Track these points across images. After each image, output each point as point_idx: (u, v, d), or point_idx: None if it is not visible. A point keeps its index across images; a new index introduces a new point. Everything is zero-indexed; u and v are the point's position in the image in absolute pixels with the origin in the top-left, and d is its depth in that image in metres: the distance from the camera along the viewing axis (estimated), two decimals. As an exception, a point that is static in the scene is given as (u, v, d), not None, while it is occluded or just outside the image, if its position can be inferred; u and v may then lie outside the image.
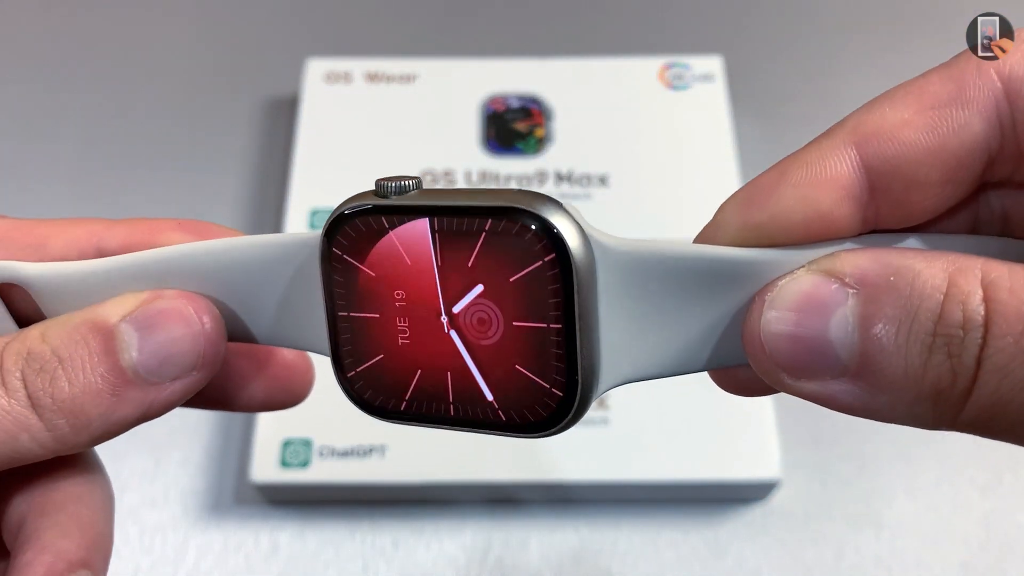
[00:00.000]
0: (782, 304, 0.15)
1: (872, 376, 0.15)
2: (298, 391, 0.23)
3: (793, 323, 0.15)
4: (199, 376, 0.19)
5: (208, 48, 0.49)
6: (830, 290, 0.15)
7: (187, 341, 0.19)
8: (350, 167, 0.41)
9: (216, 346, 0.19)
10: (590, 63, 0.45)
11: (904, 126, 0.16)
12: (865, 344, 0.15)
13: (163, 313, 0.19)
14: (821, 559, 0.35)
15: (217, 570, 0.35)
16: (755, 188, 0.17)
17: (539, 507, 0.36)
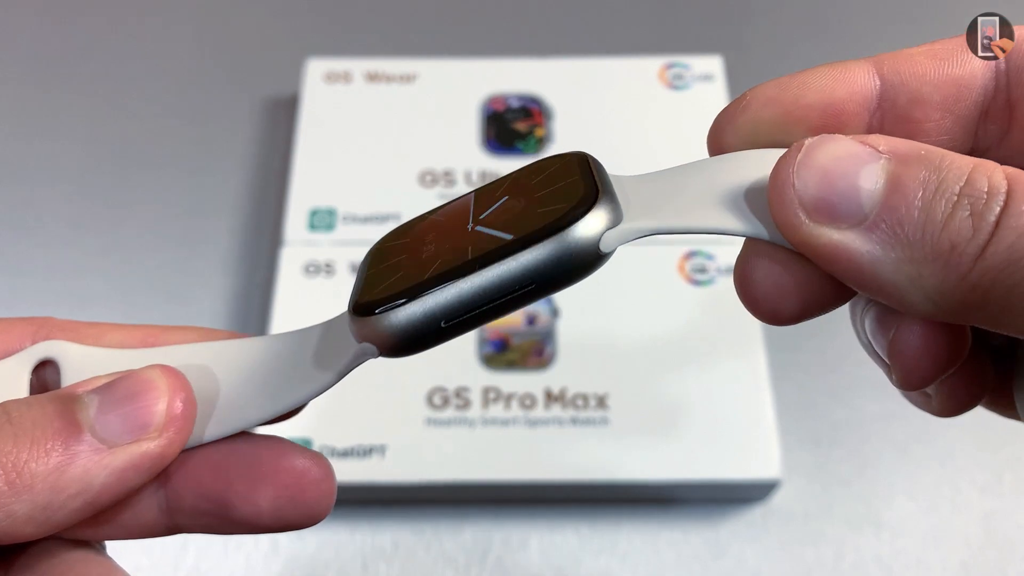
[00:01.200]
0: (819, 148, 0.16)
1: (890, 227, 0.15)
2: (313, 506, 0.19)
3: (827, 164, 0.16)
4: (165, 440, 0.17)
5: (208, 48, 0.49)
6: (866, 150, 0.16)
7: (151, 400, 0.17)
8: (350, 167, 0.41)
9: (182, 414, 0.18)
10: (590, 63, 0.45)
11: (916, 54, 0.18)
12: (890, 196, 0.15)
13: (130, 376, 0.18)
14: (821, 559, 0.35)
15: (217, 570, 0.35)
16: (782, 78, 0.18)
17: (539, 507, 0.36)
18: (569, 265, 0.16)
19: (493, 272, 0.16)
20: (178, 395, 0.18)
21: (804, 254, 0.16)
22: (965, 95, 0.17)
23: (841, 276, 0.16)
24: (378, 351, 0.18)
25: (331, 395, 0.35)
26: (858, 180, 0.15)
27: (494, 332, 0.37)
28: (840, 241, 0.15)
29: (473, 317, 0.17)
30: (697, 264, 0.38)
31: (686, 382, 0.36)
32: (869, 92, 0.17)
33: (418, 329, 0.17)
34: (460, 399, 0.36)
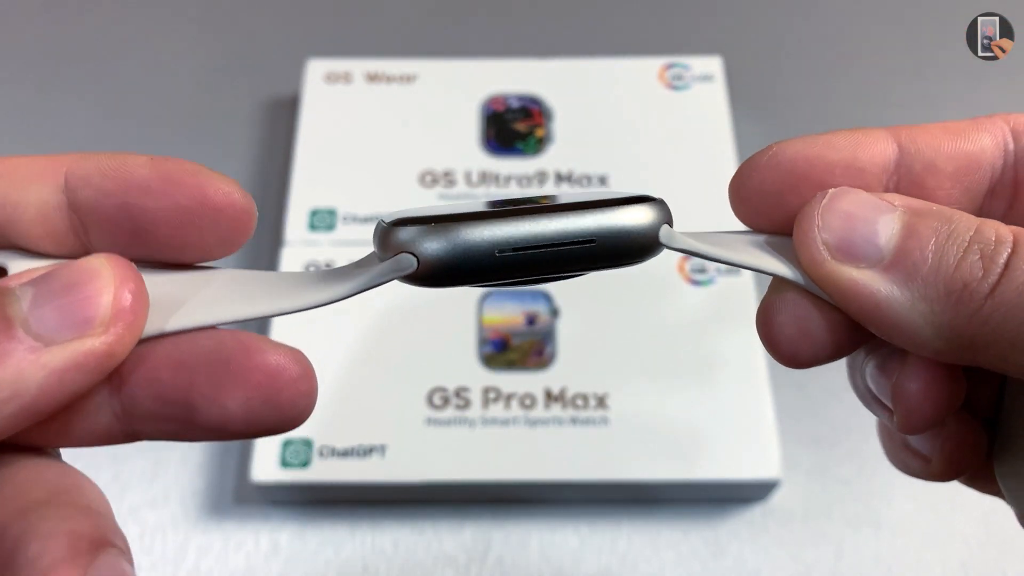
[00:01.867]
0: (842, 196, 0.18)
1: (906, 267, 0.17)
2: (290, 408, 0.17)
3: (850, 209, 0.17)
4: (111, 338, 0.15)
5: (208, 48, 0.49)
6: (883, 202, 0.18)
7: (91, 290, 0.15)
8: (350, 167, 0.41)
9: (131, 306, 0.16)
10: (590, 63, 0.45)
11: (932, 128, 0.19)
12: (906, 241, 0.17)
13: (68, 266, 0.16)
14: (821, 559, 0.35)
15: (217, 570, 0.35)
16: (808, 137, 0.19)
17: (539, 506, 0.36)
18: (629, 237, 0.17)
19: (560, 216, 0.17)
20: (126, 285, 0.16)
21: (825, 290, 0.17)
22: (975, 169, 0.19)
23: (857, 312, 0.17)
24: (416, 265, 0.16)
25: (331, 395, 0.36)
26: (877, 225, 0.17)
27: (494, 332, 0.37)
28: (859, 279, 0.17)
29: (528, 258, 0.16)
30: (697, 264, 0.38)
31: (686, 382, 0.36)
32: (888, 157, 0.19)
33: (471, 248, 0.16)
34: (460, 399, 0.36)
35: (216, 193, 0.17)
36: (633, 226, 0.17)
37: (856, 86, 0.48)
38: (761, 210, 0.19)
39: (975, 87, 0.47)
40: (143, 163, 0.17)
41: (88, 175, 0.17)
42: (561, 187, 0.41)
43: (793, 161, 0.18)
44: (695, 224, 0.44)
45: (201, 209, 0.17)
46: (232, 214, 0.17)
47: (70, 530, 0.15)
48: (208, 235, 0.17)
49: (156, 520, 0.36)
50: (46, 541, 0.15)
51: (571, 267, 0.17)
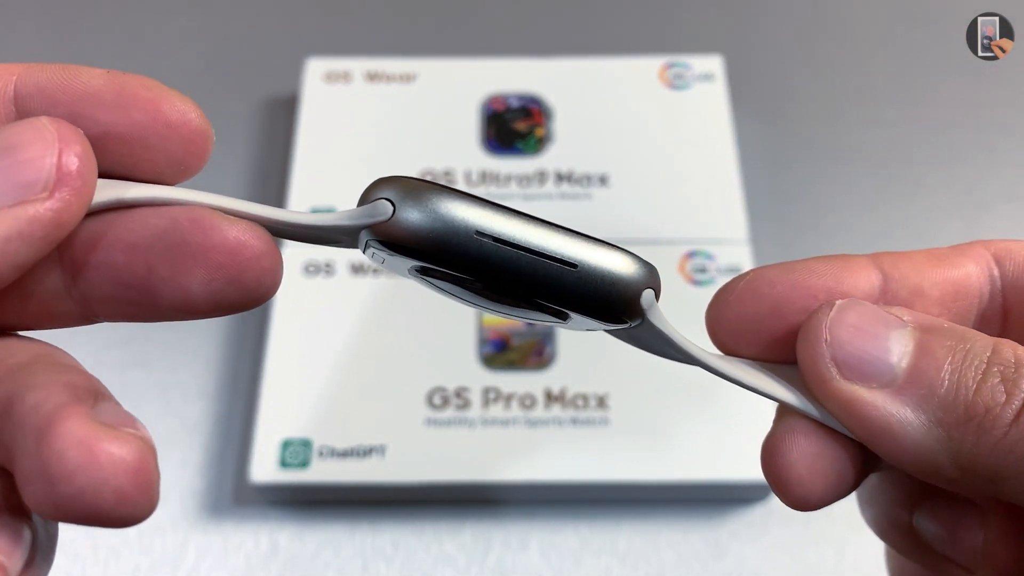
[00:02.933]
0: (850, 309, 0.17)
1: (920, 390, 0.16)
2: (255, 285, 0.16)
3: (859, 323, 0.16)
4: (56, 202, 0.14)
5: (207, 47, 0.49)
6: (891, 316, 0.17)
7: (34, 151, 0.14)
8: (350, 167, 0.41)
9: (77, 169, 0.14)
10: (590, 63, 0.45)
11: (915, 255, 0.18)
12: (919, 360, 0.16)
13: (9, 127, 0.15)
14: (822, 559, 0.35)
15: (216, 571, 0.35)
16: (785, 263, 0.18)
17: (539, 507, 0.36)
18: (612, 282, 0.16)
19: (552, 230, 0.16)
20: (71, 147, 0.14)
21: (831, 411, 0.16)
22: (962, 295, 0.18)
23: (867, 437, 0.16)
24: (391, 214, 0.15)
25: (330, 395, 0.36)
26: (888, 342, 0.16)
27: (494, 332, 0.37)
28: (870, 400, 0.16)
29: (505, 256, 0.15)
30: (697, 264, 0.38)
31: (686, 383, 0.36)
32: (872, 283, 0.18)
33: (452, 217, 0.15)
34: (460, 399, 0.36)
35: (171, 110, 0.16)
36: (619, 273, 0.16)
37: (856, 86, 0.48)
38: (740, 337, 0.18)
39: (975, 87, 0.47)
40: (98, 75, 0.16)
41: (39, 84, 0.16)
42: (561, 187, 0.41)
43: (773, 285, 0.17)
44: (695, 223, 0.44)
45: (153, 125, 0.16)
46: (185, 134, 0.16)
47: (66, 381, 0.14)
48: (160, 155, 0.16)
49: (155, 521, 0.36)
50: (44, 390, 0.14)
51: (544, 291, 0.16)
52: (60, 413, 0.13)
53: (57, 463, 0.13)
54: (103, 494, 0.13)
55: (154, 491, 0.14)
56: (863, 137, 0.46)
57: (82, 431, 0.13)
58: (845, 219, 0.43)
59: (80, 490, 0.13)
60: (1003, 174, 0.45)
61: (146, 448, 0.14)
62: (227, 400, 0.38)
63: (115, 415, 0.14)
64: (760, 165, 0.44)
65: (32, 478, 0.13)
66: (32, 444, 0.13)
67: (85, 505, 0.13)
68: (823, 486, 0.17)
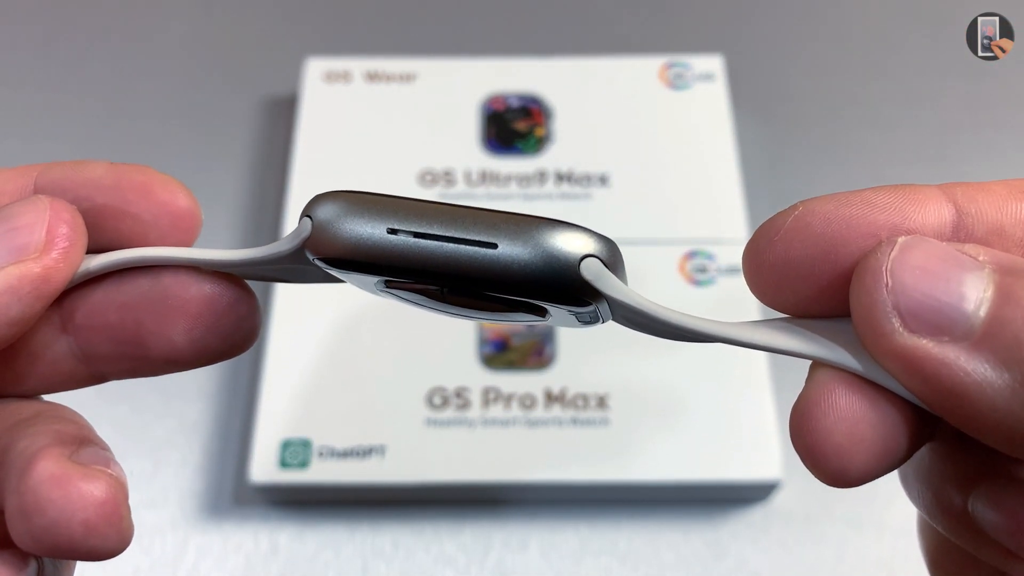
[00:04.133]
0: (916, 247, 0.14)
1: (1003, 345, 0.13)
2: (233, 332, 0.17)
3: (928, 264, 0.14)
4: (46, 263, 0.16)
5: (206, 47, 0.49)
6: (964, 256, 0.14)
7: (26, 219, 0.16)
8: (350, 167, 0.41)
9: (66, 232, 0.16)
10: (590, 62, 0.45)
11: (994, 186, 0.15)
12: (1001, 308, 0.13)
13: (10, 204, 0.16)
14: (822, 560, 0.35)
15: (216, 571, 0.35)
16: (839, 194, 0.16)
17: (539, 507, 0.36)
18: (539, 257, 0.14)
19: (468, 212, 0.15)
20: (61, 216, 0.16)
21: (892, 370, 0.14)
22: None
23: (936, 400, 0.14)
24: (310, 230, 0.15)
25: (330, 395, 0.36)
26: (962, 287, 0.13)
27: (494, 332, 0.37)
28: (941, 356, 0.13)
29: (423, 250, 0.15)
30: (698, 264, 0.38)
31: (686, 382, 0.36)
32: (944, 218, 0.15)
33: (364, 218, 0.15)
34: (460, 399, 0.36)
35: (162, 191, 0.18)
36: (544, 244, 0.14)
37: (856, 85, 0.48)
38: (786, 284, 0.15)
39: (975, 87, 0.47)
40: (101, 165, 0.18)
41: (53, 178, 0.18)
42: (561, 186, 0.41)
43: (828, 222, 0.15)
44: (695, 223, 0.43)
45: (145, 204, 0.17)
46: (174, 211, 0.18)
47: (55, 430, 0.16)
48: (152, 230, 0.17)
49: (155, 521, 0.36)
50: (33, 437, 0.16)
51: (474, 279, 0.15)
52: (39, 454, 0.15)
53: (31, 499, 0.14)
54: (72, 526, 0.14)
55: (123, 525, 0.15)
56: (863, 137, 0.46)
57: (55, 468, 0.15)
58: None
59: (52, 522, 0.14)
60: (1003, 174, 0.45)
61: (115, 484, 0.15)
62: (227, 400, 0.38)
63: (94, 456, 0.16)
64: (760, 165, 0.44)
65: (14, 514, 0.15)
66: (15, 483, 0.15)
67: (56, 537, 0.14)
68: (866, 457, 0.14)
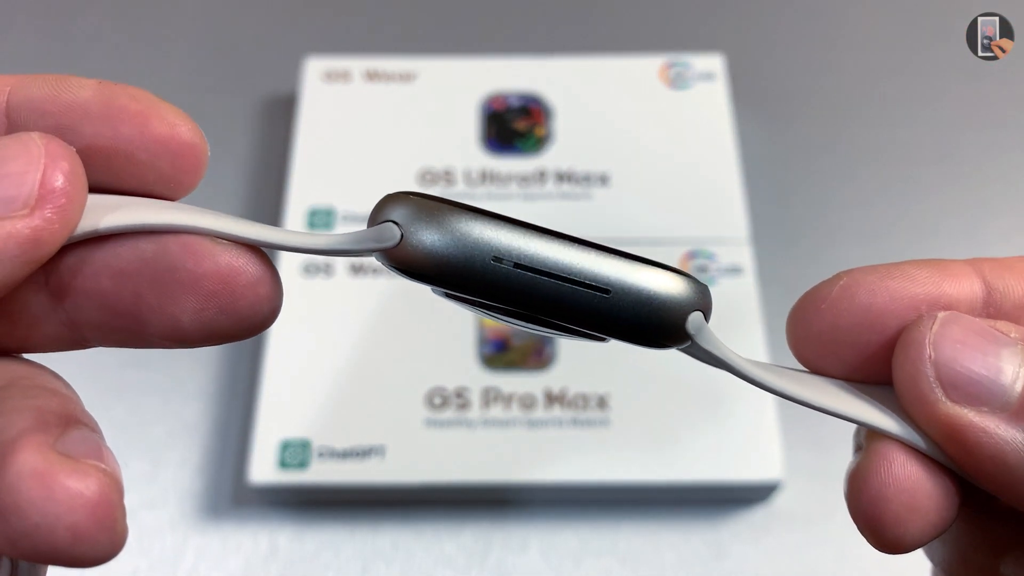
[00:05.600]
0: (955, 321, 0.15)
1: None
2: (250, 314, 0.15)
3: (967, 338, 0.14)
4: (36, 219, 0.13)
5: (206, 46, 0.49)
6: (998, 332, 0.15)
7: (15, 166, 0.13)
8: (349, 166, 0.41)
9: (63, 186, 0.13)
10: (590, 62, 0.44)
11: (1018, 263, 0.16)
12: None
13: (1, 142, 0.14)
14: (823, 560, 0.35)
15: (215, 572, 0.35)
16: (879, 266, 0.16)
17: (539, 508, 0.36)
18: (651, 305, 0.14)
19: (579, 248, 0.14)
20: (58, 164, 0.13)
21: (936, 437, 0.15)
22: None
23: (976, 467, 0.14)
24: (398, 240, 0.14)
25: (330, 395, 0.35)
26: (1000, 360, 0.14)
27: (494, 332, 0.37)
28: (981, 425, 0.14)
29: (526, 282, 0.14)
30: (698, 264, 0.38)
31: (687, 383, 0.36)
32: (975, 294, 0.16)
33: (465, 241, 0.14)
34: (460, 400, 0.35)
35: (160, 124, 0.15)
36: (658, 293, 0.14)
37: (857, 85, 0.48)
38: (831, 351, 0.16)
39: (975, 87, 0.47)
40: (88, 86, 0.15)
41: (30, 96, 0.15)
42: (561, 186, 0.41)
43: (872, 293, 0.15)
44: (695, 223, 0.43)
45: (141, 139, 0.15)
46: (175, 148, 0.15)
47: (36, 406, 0.13)
48: (148, 171, 0.15)
49: (154, 522, 0.36)
50: (10, 416, 0.13)
51: (573, 318, 0.14)
52: (18, 442, 0.12)
53: (9, 497, 0.12)
54: (57, 531, 0.12)
55: (116, 528, 0.13)
56: (864, 136, 0.46)
57: (38, 462, 0.12)
58: (846, 218, 0.43)
59: (34, 526, 0.12)
60: (1003, 174, 0.45)
61: (109, 482, 0.13)
62: (226, 400, 0.38)
63: (82, 445, 0.13)
64: (761, 164, 0.44)
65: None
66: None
67: (38, 542, 0.12)
68: (921, 525, 0.15)
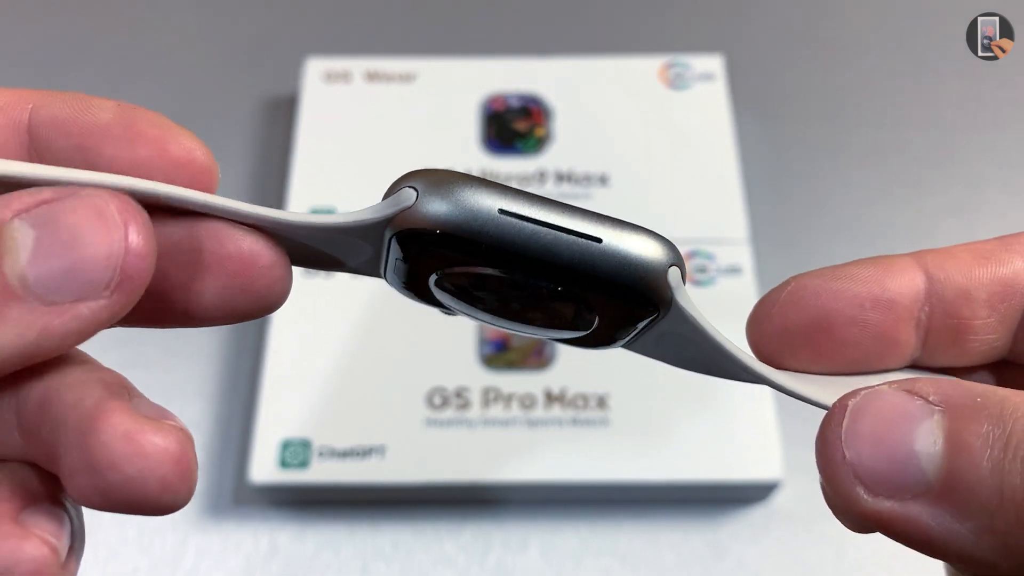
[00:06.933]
0: (866, 410, 0.15)
1: (960, 496, 0.14)
2: (266, 294, 0.16)
3: (878, 429, 0.15)
4: (115, 300, 0.14)
5: (206, 47, 0.49)
6: (915, 404, 0.15)
7: (101, 249, 0.14)
8: (350, 167, 0.41)
9: (142, 261, 0.14)
10: (590, 62, 0.45)
11: (960, 251, 0.17)
12: (953, 460, 0.14)
13: (72, 209, 0.14)
14: (822, 560, 0.35)
15: (216, 571, 0.35)
16: (824, 269, 0.17)
17: (539, 507, 0.36)
18: (636, 259, 0.15)
19: (573, 210, 0.16)
20: (138, 248, 0.14)
21: (871, 528, 0.15)
22: (1010, 295, 0.17)
23: (917, 549, 0.15)
24: (415, 197, 0.16)
25: (330, 395, 0.35)
26: (914, 445, 0.14)
27: (494, 332, 0.37)
28: (904, 514, 0.14)
29: (529, 233, 0.15)
30: (697, 264, 0.38)
31: (686, 382, 0.36)
32: (918, 286, 0.17)
33: (476, 195, 0.15)
34: (460, 399, 0.36)
35: (177, 148, 0.16)
36: (644, 243, 0.16)
37: (857, 85, 0.48)
38: (786, 351, 0.17)
39: (975, 87, 0.47)
40: (108, 108, 0.16)
41: (52, 114, 0.16)
42: (561, 187, 0.41)
43: (817, 296, 0.17)
44: (695, 223, 0.43)
45: (159, 162, 0.16)
46: (192, 172, 0.16)
47: (100, 378, 0.15)
48: None
49: (155, 521, 0.36)
50: (80, 388, 0.15)
51: (571, 266, 0.15)
52: (103, 407, 0.14)
53: (104, 454, 0.14)
54: (148, 482, 0.14)
55: (193, 479, 0.14)
56: (863, 137, 0.46)
57: (127, 424, 0.14)
58: (845, 218, 0.43)
59: (127, 478, 0.14)
60: (1003, 174, 0.45)
61: (186, 439, 0.14)
62: (227, 400, 0.38)
63: (152, 408, 0.15)
64: (760, 165, 0.44)
65: (79, 470, 0.14)
66: (77, 438, 0.14)
67: (131, 492, 0.14)
68: None
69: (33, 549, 0.14)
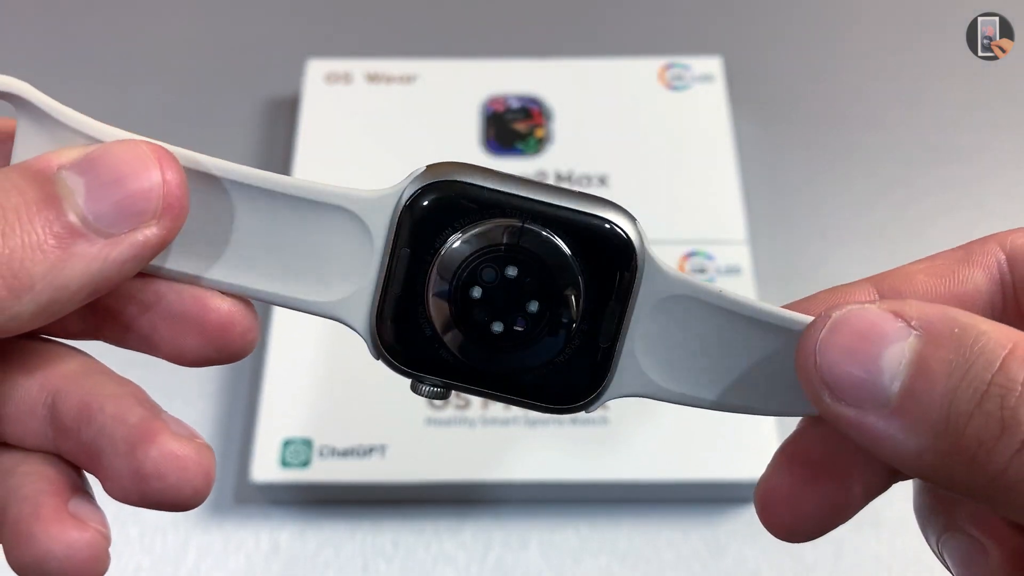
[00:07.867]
0: (845, 323, 0.16)
1: (912, 415, 0.15)
2: (237, 351, 0.19)
3: (852, 342, 0.15)
4: (163, 225, 0.16)
5: (208, 48, 0.49)
6: (895, 326, 0.15)
7: (144, 183, 0.16)
8: (350, 168, 0.41)
9: (179, 189, 0.17)
10: (590, 63, 0.45)
11: (916, 272, 0.18)
12: (913, 381, 0.15)
13: (114, 154, 0.17)
14: (821, 559, 0.35)
15: (217, 570, 0.35)
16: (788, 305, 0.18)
17: (539, 506, 0.36)
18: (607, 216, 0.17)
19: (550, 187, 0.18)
20: (171, 175, 0.17)
21: (832, 426, 0.16)
22: (972, 310, 0.17)
23: (866, 450, 0.16)
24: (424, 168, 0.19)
25: (331, 395, 0.36)
26: (881, 361, 0.15)
27: (494, 332, 0.37)
28: (859, 421, 0.15)
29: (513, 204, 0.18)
30: (697, 264, 0.38)
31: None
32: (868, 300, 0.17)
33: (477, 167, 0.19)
34: (460, 399, 0.36)
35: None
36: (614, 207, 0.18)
37: (856, 86, 0.48)
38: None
39: (975, 87, 0.47)
40: None
41: None
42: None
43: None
44: (694, 223, 0.43)
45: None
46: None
47: (131, 392, 0.18)
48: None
49: (156, 520, 0.36)
50: (119, 401, 0.17)
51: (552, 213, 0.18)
52: (150, 428, 0.17)
53: (151, 467, 0.17)
54: (184, 489, 0.17)
55: (212, 485, 0.18)
56: (862, 137, 0.46)
57: (172, 444, 0.17)
58: (844, 219, 0.43)
59: (169, 486, 0.17)
60: (1002, 174, 0.45)
61: (211, 454, 0.18)
62: (228, 400, 0.39)
63: (182, 427, 0.18)
64: (759, 166, 0.44)
65: (125, 475, 0.17)
66: (126, 449, 0.17)
67: (168, 496, 0.17)
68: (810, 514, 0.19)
69: (91, 539, 0.17)
